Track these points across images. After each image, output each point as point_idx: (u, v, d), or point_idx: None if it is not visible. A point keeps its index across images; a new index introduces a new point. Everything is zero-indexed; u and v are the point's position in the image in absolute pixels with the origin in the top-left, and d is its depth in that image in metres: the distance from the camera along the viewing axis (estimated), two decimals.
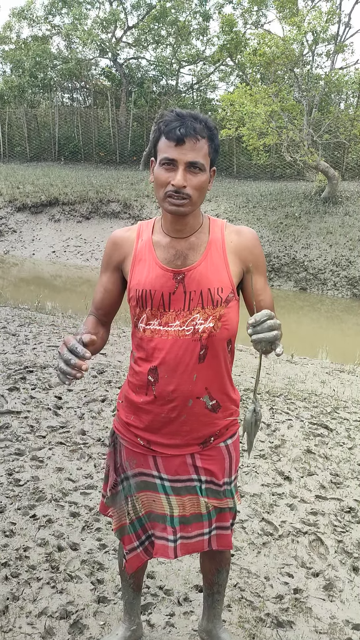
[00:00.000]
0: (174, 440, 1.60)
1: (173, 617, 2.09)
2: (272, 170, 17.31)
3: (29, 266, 13.34)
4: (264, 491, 3.00)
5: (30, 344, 5.52)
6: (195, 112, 1.47)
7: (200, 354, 1.53)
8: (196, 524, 1.66)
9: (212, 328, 1.53)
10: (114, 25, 20.55)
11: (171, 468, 1.62)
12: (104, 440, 3.45)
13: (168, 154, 1.43)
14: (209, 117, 1.49)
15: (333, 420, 4.06)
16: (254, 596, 2.23)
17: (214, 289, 1.52)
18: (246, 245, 1.57)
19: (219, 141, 1.52)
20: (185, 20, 19.61)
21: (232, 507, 1.71)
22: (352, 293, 11.01)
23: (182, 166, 1.43)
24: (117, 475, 1.72)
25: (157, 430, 1.60)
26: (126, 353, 5.61)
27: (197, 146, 1.43)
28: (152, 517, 1.68)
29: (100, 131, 20.51)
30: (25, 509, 2.69)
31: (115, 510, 1.74)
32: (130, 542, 1.72)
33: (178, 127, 1.42)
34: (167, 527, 1.65)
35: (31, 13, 21.27)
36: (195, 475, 1.63)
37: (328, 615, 2.16)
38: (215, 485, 1.65)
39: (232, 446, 1.67)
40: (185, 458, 1.62)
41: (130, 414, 1.65)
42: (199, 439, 1.60)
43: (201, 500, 1.64)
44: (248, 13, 16.71)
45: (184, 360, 1.53)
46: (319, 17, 12.02)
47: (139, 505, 1.68)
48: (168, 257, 1.55)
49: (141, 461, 1.65)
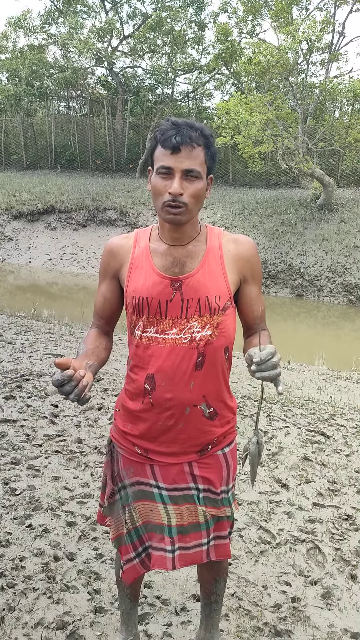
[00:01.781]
0: (171, 448, 1.59)
1: (170, 627, 2.08)
2: (267, 177, 17.39)
3: (25, 274, 13.34)
4: (261, 499, 2.99)
5: (26, 352, 5.50)
6: (191, 121, 1.48)
7: (197, 362, 1.53)
8: (194, 534, 1.65)
9: (209, 336, 1.53)
10: (110, 34, 20.68)
11: (169, 477, 1.62)
12: (100, 448, 3.44)
13: (164, 162, 1.44)
14: (205, 125, 1.49)
15: (330, 427, 4.05)
16: (251, 605, 2.22)
17: (212, 297, 1.52)
18: (244, 255, 1.58)
19: (215, 149, 1.52)
20: (180, 29, 19.75)
21: (229, 515, 1.70)
22: (348, 299, 11.04)
23: (178, 174, 1.43)
24: (114, 485, 1.71)
25: (155, 438, 1.59)
26: (123, 361, 5.60)
27: (193, 154, 1.44)
28: (150, 528, 1.66)
29: (97, 139, 20.59)
30: (21, 518, 2.67)
31: (113, 519, 1.73)
32: (127, 552, 1.70)
33: (174, 136, 1.42)
34: (165, 537, 1.64)
35: (27, 22, 21.40)
36: (193, 484, 1.62)
37: (326, 624, 2.14)
38: (213, 493, 1.65)
39: (229, 454, 1.67)
40: (183, 466, 1.61)
41: (127, 422, 1.64)
42: (197, 446, 1.60)
43: (199, 509, 1.63)
44: (243, 22, 16.85)
45: (181, 368, 1.53)
46: (314, 26, 12.13)
47: (136, 515, 1.67)
48: (166, 264, 1.54)
49: (138, 470, 1.64)
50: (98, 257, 13.32)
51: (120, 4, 21.05)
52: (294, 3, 13.55)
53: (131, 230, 14.46)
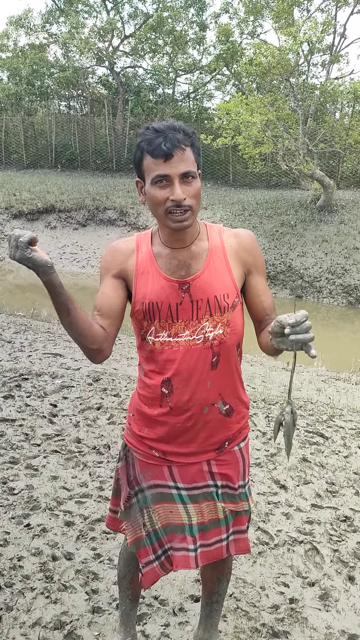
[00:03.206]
0: (189, 448, 1.60)
1: (168, 628, 2.08)
2: (267, 178, 17.38)
3: (24, 273, 13.32)
4: (259, 500, 2.99)
5: (25, 351, 5.50)
6: (171, 123, 1.46)
7: (212, 362, 1.54)
8: (214, 530, 1.67)
9: (222, 335, 1.54)
10: (111, 34, 20.69)
11: (187, 476, 1.62)
12: (99, 448, 3.44)
13: (159, 171, 1.42)
14: (182, 123, 1.49)
15: (329, 429, 4.05)
16: (249, 606, 2.22)
17: (220, 295, 1.53)
18: (245, 248, 1.58)
19: (199, 144, 1.52)
20: (181, 29, 19.78)
21: (247, 509, 1.72)
22: (348, 301, 11.05)
23: (177, 179, 1.42)
24: (131, 488, 1.70)
25: (173, 440, 1.60)
26: (122, 361, 5.60)
27: (184, 156, 1.43)
28: (170, 529, 1.66)
29: (97, 139, 20.57)
30: (20, 518, 2.67)
31: (130, 523, 1.71)
32: (147, 555, 1.69)
33: (162, 143, 1.41)
34: (187, 537, 1.64)
35: (28, 21, 21.42)
36: (212, 481, 1.64)
37: (324, 625, 2.15)
38: (231, 489, 1.67)
39: (244, 449, 1.69)
40: (201, 465, 1.62)
41: (143, 427, 1.64)
42: (215, 444, 1.61)
43: (218, 505, 1.65)
44: (244, 23, 16.84)
45: (198, 369, 1.53)
46: (315, 27, 12.12)
47: (155, 517, 1.66)
48: (171, 267, 1.54)
49: (156, 473, 1.64)
50: (98, 257, 13.32)
51: (122, 3, 21.05)
52: (295, 4, 13.54)
53: (131, 230, 14.48)
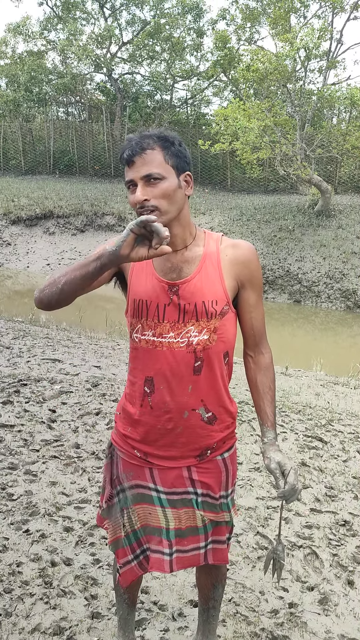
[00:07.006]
0: (170, 452, 1.60)
1: (167, 633, 2.08)
2: (265, 183, 17.44)
3: (23, 279, 13.34)
4: (258, 504, 2.99)
5: (24, 356, 5.50)
6: (149, 130, 1.50)
7: (195, 366, 1.54)
8: (192, 537, 1.66)
9: (207, 340, 1.53)
10: (109, 41, 20.78)
11: (167, 481, 1.62)
12: (98, 453, 3.44)
13: (127, 176, 1.49)
14: (165, 129, 1.51)
15: (327, 433, 4.05)
16: (248, 611, 2.22)
17: (208, 301, 1.53)
18: (240, 260, 1.57)
19: (179, 147, 1.50)
20: (179, 36, 19.87)
21: (228, 520, 1.70)
22: (346, 305, 11.07)
23: (139, 183, 1.45)
24: (113, 488, 1.71)
25: (154, 442, 1.60)
26: (120, 366, 5.61)
27: (147, 160, 1.45)
28: (148, 531, 1.67)
29: (95, 145, 20.63)
30: (19, 523, 2.66)
31: (111, 522, 1.73)
32: (125, 555, 1.71)
33: (126, 150, 1.47)
34: (163, 540, 1.64)
35: (27, 28, 21.49)
36: (192, 488, 1.63)
37: (323, 630, 2.14)
38: (212, 498, 1.65)
39: (229, 459, 1.67)
40: (181, 471, 1.62)
41: (127, 426, 1.65)
42: (195, 450, 1.61)
43: (197, 513, 1.64)
44: (241, 29, 16.93)
45: (179, 372, 1.54)
46: (312, 33, 12.20)
47: (134, 517, 1.67)
48: (164, 269, 1.56)
49: (138, 473, 1.65)
50: None
51: (119, 10, 21.17)
52: (292, 11, 13.63)
53: None
